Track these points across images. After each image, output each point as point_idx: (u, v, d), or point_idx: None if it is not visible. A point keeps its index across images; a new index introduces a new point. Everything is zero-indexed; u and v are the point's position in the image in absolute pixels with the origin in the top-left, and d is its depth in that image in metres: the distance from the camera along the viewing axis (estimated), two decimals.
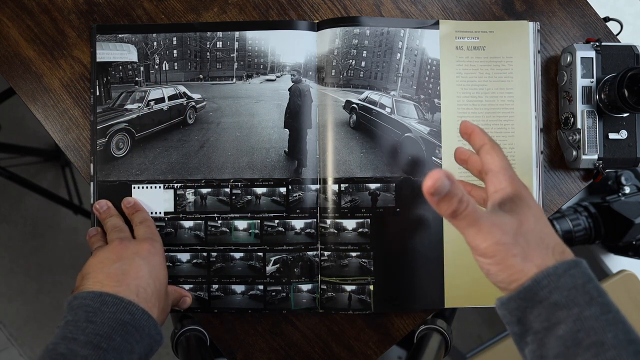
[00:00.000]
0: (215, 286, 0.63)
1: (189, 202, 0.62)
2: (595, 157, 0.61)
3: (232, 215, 0.62)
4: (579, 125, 0.61)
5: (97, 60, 0.63)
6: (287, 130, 0.63)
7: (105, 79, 0.63)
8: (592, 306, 0.39)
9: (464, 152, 0.52)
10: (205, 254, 0.63)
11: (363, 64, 0.63)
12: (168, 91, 0.64)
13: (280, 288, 0.62)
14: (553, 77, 0.66)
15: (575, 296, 0.39)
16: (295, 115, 0.63)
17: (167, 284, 0.56)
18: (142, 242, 0.56)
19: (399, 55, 0.63)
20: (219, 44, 0.63)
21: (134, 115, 0.63)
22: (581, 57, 0.61)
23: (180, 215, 0.62)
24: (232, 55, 0.64)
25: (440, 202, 0.37)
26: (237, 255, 0.63)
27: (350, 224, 0.62)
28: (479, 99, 0.63)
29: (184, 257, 0.63)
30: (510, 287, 0.41)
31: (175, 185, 0.63)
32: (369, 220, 0.62)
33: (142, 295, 0.51)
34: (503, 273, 0.41)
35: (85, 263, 0.54)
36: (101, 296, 0.49)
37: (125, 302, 0.49)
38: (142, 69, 0.63)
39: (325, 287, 0.62)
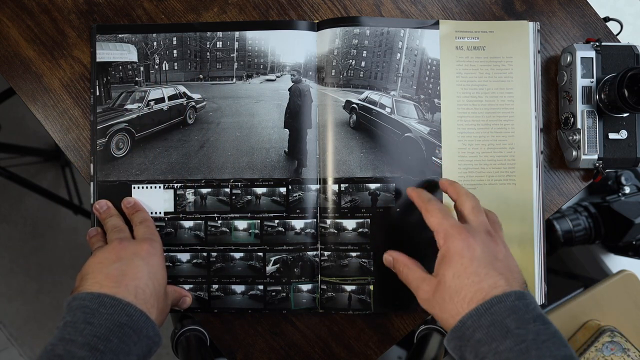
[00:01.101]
0: (215, 286, 0.63)
1: (189, 202, 0.62)
2: (595, 157, 0.61)
3: (232, 215, 0.62)
4: (579, 125, 0.61)
5: (97, 60, 0.63)
6: (287, 130, 0.63)
7: (105, 79, 0.63)
8: (507, 339, 0.43)
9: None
10: (205, 254, 0.63)
11: (363, 64, 0.63)
12: (168, 91, 0.64)
13: (280, 288, 0.62)
14: (553, 77, 0.66)
15: (493, 332, 0.44)
16: (295, 115, 0.63)
17: (166, 285, 0.56)
18: (141, 243, 0.56)
19: (399, 55, 0.63)
20: (219, 44, 0.63)
21: (134, 115, 0.63)
22: (581, 57, 0.61)
23: (180, 215, 0.62)
24: (232, 55, 0.64)
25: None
26: (237, 255, 0.63)
27: (350, 224, 0.62)
28: (479, 99, 0.63)
29: (184, 257, 0.63)
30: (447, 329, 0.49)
31: (175, 185, 0.63)
32: (369, 220, 0.62)
33: (140, 296, 0.51)
34: (436, 318, 0.50)
35: (85, 263, 0.54)
36: (99, 297, 0.49)
37: (123, 303, 0.49)
38: (142, 69, 0.63)
39: (325, 287, 0.62)
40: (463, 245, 0.49)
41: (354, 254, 0.62)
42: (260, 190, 0.62)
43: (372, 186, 0.62)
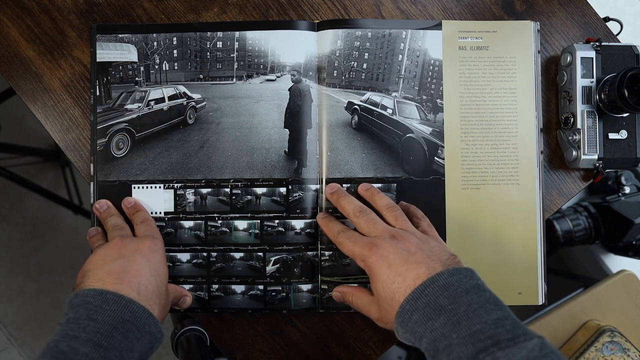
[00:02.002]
0: (215, 286, 0.63)
1: (189, 202, 0.62)
2: (595, 157, 0.61)
3: (232, 215, 0.62)
4: (579, 125, 0.61)
5: (97, 60, 0.63)
6: (287, 130, 0.63)
7: (105, 79, 0.63)
8: (441, 316, 0.45)
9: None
10: (205, 254, 0.63)
11: (365, 65, 0.63)
12: (168, 91, 0.64)
13: (280, 288, 0.62)
14: (553, 77, 0.66)
15: (428, 312, 0.46)
16: (295, 115, 0.63)
17: (167, 282, 0.56)
18: (142, 240, 0.56)
19: (400, 56, 0.63)
20: (219, 44, 0.63)
21: (134, 115, 0.63)
22: (581, 57, 0.61)
23: (180, 215, 0.62)
24: (232, 55, 0.64)
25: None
26: (237, 255, 0.63)
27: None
28: (482, 99, 0.63)
29: (184, 257, 0.63)
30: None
31: (175, 185, 0.63)
32: None
33: (142, 293, 0.51)
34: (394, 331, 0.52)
35: (86, 260, 0.54)
36: (102, 294, 0.49)
37: (126, 300, 0.49)
38: (142, 69, 0.63)
39: (325, 287, 0.62)
40: (377, 258, 0.51)
41: None
42: (260, 190, 0.62)
43: None
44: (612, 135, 0.61)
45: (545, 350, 0.41)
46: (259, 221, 0.62)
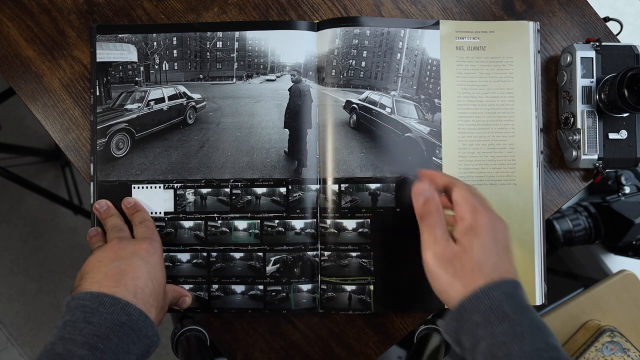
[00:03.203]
0: (215, 286, 0.63)
1: (189, 202, 0.62)
2: (595, 157, 0.61)
3: (232, 215, 0.62)
4: (579, 125, 0.61)
5: (97, 60, 0.63)
6: (287, 130, 0.63)
7: (105, 79, 0.63)
8: (503, 323, 0.44)
9: (424, 188, 0.55)
10: (205, 254, 0.63)
11: (363, 64, 0.63)
12: (168, 91, 0.64)
13: (280, 288, 0.62)
14: (553, 77, 0.66)
15: (490, 316, 0.45)
16: (295, 115, 0.63)
17: (165, 284, 0.56)
18: (140, 242, 0.56)
19: (399, 55, 0.63)
20: (219, 44, 0.63)
21: (134, 115, 0.63)
22: (581, 57, 0.61)
23: (180, 215, 0.62)
24: (232, 55, 0.64)
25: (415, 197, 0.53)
26: (237, 255, 0.63)
27: (350, 224, 0.62)
28: (479, 99, 0.63)
29: (184, 257, 0.63)
30: (447, 305, 0.50)
31: (175, 185, 0.63)
32: (369, 220, 0.62)
33: (139, 296, 0.51)
34: (436, 286, 0.50)
35: (84, 262, 0.54)
36: (99, 297, 0.49)
37: (123, 302, 0.49)
38: (142, 69, 0.63)
39: (325, 287, 0.62)
40: (489, 223, 0.50)
41: (354, 254, 0.62)
42: (260, 190, 0.62)
43: (372, 186, 0.62)
44: (612, 135, 0.61)
45: None
46: (259, 221, 0.62)
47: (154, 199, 0.62)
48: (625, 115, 0.61)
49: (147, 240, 0.56)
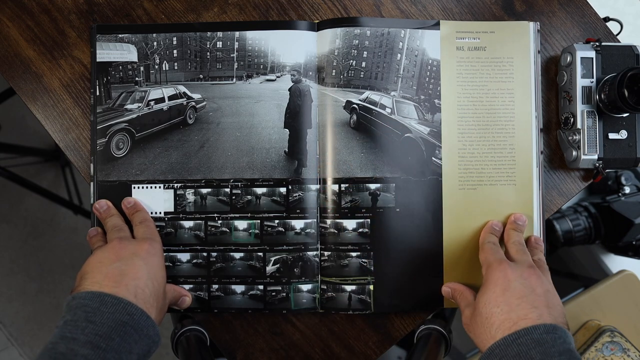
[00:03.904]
0: (215, 286, 0.63)
1: (189, 202, 0.62)
2: (595, 157, 0.61)
3: (232, 215, 0.62)
4: (579, 125, 0.61)
5: (97, 60, 0.63)
6: (287, 130, 0.63)
7: (105, 79, 0.63)
8: None
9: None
10: (205, 254, 0.63)
11: (363, 64, 0.63)
12: (168, 91, 0.64)
13: (280, 288, 0.62)
14: (553, 77, 0.66)
15: None
16: (295, 115, 0.63)
17: (165, 284, 0.56)
18: (141, 242, 0.56)
19: (399, 55, 0.63)
20: (219, 44, 0.63)
21: (134, 115, 0.63)
22: (581, 57, 0.61)
23: (180, 215, 0.62)
24: (232, 55, 0.64)
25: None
26: (237, 255, 0.63)
27: (350, 224, 0.62)
28: (479, 99, 0.63)
29: (184, 257, 0.63)
30: None
31: (175, 185, 0.63)
32: (369, 220, 0.62)
33: (140, 296, 0.51)
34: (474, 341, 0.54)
35: (85, 262, 0.54)
36: (100, 296, 0.49)
37: (125, 302, 0.49)
38: (142, 69, 0.63)
39: (325, 287, 0.62)
40: (499, 276, 0.52)
41: (354, 254, 0.62)
42: (260, 190, 0.62)
43: (372, 186, 0.62)
44: (612, 135, 0.61)
45: None
46: (259, 221, 0.62)
47: (154, 199, 0.62)
48: (625, 115, 0.61)
49: (148, 241, 0.56)
